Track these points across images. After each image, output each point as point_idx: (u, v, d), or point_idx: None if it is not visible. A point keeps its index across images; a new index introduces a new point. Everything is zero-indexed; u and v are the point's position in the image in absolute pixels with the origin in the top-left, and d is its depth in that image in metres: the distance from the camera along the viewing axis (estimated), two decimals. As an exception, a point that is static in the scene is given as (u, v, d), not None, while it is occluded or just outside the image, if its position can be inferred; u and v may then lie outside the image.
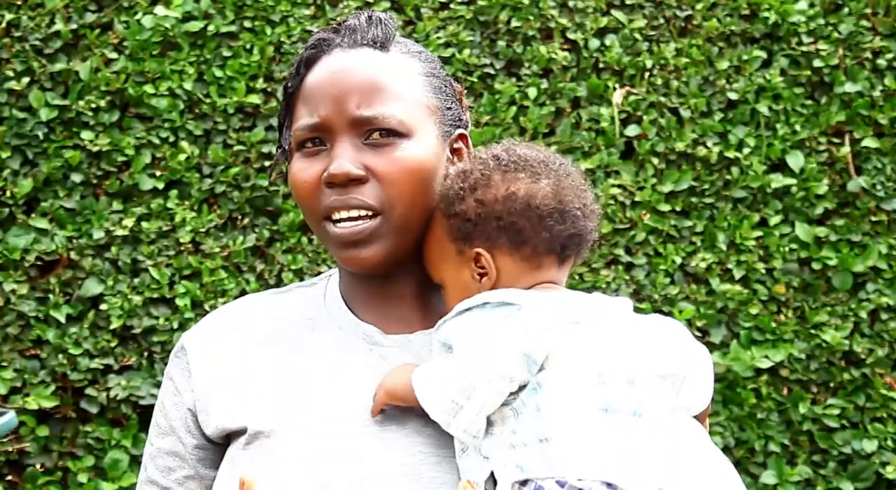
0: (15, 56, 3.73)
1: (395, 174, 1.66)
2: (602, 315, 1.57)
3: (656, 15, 3.88)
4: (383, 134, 1.67)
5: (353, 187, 1.66)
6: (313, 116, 1.69)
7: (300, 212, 3.66)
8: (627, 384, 1.51)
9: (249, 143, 3.72)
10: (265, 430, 1.62)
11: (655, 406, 1.52)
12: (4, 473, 3.66)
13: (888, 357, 3.77)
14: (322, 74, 1.72)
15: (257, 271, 3.70)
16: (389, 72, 1.71)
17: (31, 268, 3.67)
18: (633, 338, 1.56)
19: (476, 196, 1.62)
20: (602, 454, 1.45)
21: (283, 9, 3.78)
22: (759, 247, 3.77)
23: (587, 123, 3.80)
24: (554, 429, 1.47)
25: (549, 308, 1.54)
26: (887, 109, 3.84)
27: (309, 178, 1.69)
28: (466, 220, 1.61)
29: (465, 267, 1.62)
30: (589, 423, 1.47)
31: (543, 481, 1.45)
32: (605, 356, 1.51)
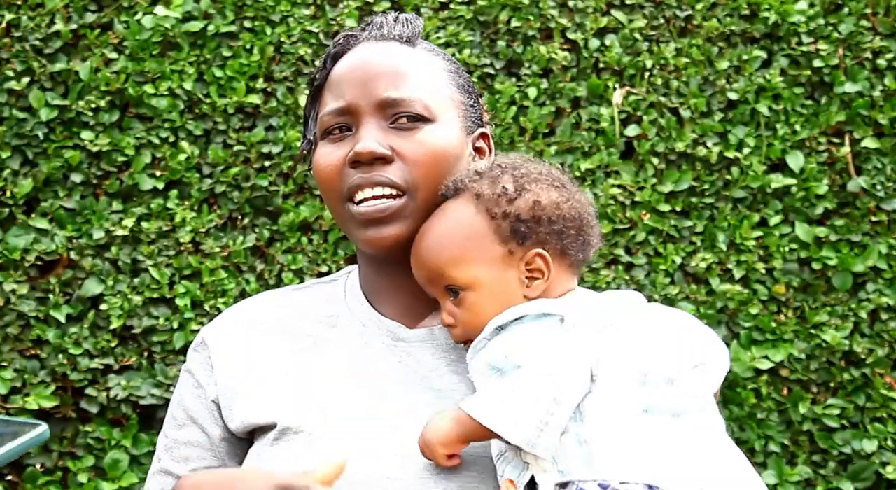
0: (15, 56, 3.73)
1: (421, 156, 1.66)
2: (630, 314, 1.56)
3: (656, 15, 3.88)
4: (409, 118, 1.68)
5: (378, 166, 1.65)
6: (339, 101, 1.71)
7: (300, 212, 3.68)
8: (667, 384, 1.50)
9: (249, 143, 3.72)
10: (295, 426, 1.61)
11: (693, 405, 1.52)
12: (4, 473, 3.66)
13: (888, 357, 3.77)
14: (349, 63, 1.75)
15: (257, 271, 3.70)
16: (415, 62, 1.73)
17: (31, 268, 3.67)
18: (663, 333, 1.56)
19: (530, 197, 1.58)
20: (644, 456, 1.45)
21: (283, 9, 3.78)
22: (759, 247, 3.77)
23: (587, 123, 3.80)
24: (595, 431, 1.46)
25: (587, 315, 1.53)
26: (887, 109, 3.84)
27: (333, 160, 1.69)
28: (521, 220, 1.57)
29: (511, 268, 1.57)
30: (630, 425, 1.47)
31: (585, 484, 1.44)
32: (645, 357, 1.51)
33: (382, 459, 1.56)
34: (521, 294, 1.56)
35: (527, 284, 1.57)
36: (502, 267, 1.57)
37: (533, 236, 1.56)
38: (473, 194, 1.60)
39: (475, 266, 1.57)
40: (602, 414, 1.47)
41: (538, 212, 1.57)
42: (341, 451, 1.56)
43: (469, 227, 1.58)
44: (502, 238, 1.56)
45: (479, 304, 1.57)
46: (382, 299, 1.75)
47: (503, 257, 1.57)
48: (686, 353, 1.56)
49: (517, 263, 1.57)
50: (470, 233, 1.58)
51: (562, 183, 1.62)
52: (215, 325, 1.78)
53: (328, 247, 3.69)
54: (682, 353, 1.55)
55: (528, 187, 1.58)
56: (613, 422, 1.46)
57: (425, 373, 1.66)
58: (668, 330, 1.57)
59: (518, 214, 1.57)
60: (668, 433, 1.48)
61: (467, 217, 1.59)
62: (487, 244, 1.57)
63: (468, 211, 1.59)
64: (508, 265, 1.57)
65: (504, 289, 1.56)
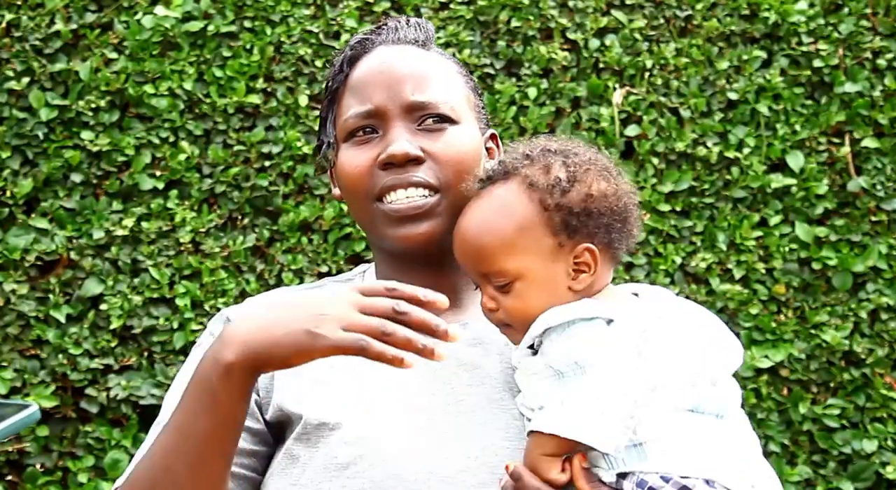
0: (15, 56, 3.73)
1: (451, 156, 1.69)
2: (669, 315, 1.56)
3: (656, 15, 3.88)
4: (436, 120, 1.71)
5: (411, 167, 1.68)
6: (365, 104, 1.72)
7: (300, 212, 3.68)
8: (711, 385, 1.51)
9: (249, 143, 3.72)
10: (330, 422, 1.60)
11: (732, 406, 1.54)
12: (4, 473, 3.66)
13: (888, 357, 3.77)
14: (371, 66, 1.76)
15: (257, 271, 3.70)
16: (434, 65, 1.77)
17: (31, 268, 3.67)
18: (703, 334, 1.56)
19: (582, 189, 1.56)
20: (698, 453, 1.46)
21: (283, 9, 3.78)
22: (759, 247, 3.77)
23: (587, 123, 3.80)
24: (648, 430, 1.46)
25: (632, 317, 1.52)
26: (887, 109, 3.84)
27: (362, 162, 1.70)
28: (573, 213, 1.55)
29: (560, 261, 1.55)
30: (681, 424, 1.47)
31: (647, 475, 1.45)
32: (690, 358, 1.51)
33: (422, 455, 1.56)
34: (567, 286, 1.55)
35: (573, 277, 1.55)
36: (551, 259, 1.55)
37: (583, 230, 1.55)
38: (526, 182, 1.57)
39: (524, 256, 1.55)
40: (652, 413, 1.47)
41: (590, 205, 1.55)
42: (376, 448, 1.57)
43: (521, 216, 1.56)
44: (553, 230, 1.55)
45: (524, 293, 1.55)
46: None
47: (553, 249, 1.55)
48: (721, 353, 1.57)
49: (566, 256, 1.55)
50: (522, 222, 1.55)
51: (609, 171, 1.60)
52: (240, 308, 1.79)
53: (328, 247, 3.69)
54: (719, 354, 1.56)
55: (580, 178, 1.56)
56: (664, 421, 1.47)
57: (455, 368, 1.66)
58: (705, 330, 1.57)
59: (570, 207, 1.54)
60: (715, 432, 1.49)
61: (520, 206, 1.56)
62: (538, 235, 1.55)
63: (521, 199, 1.56)
64: (557, 257, 1.55)
65: (550, 280, 1.55)
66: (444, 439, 1.58)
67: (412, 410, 1.61)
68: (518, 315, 1.56)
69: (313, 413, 1.62)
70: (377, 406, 1.61)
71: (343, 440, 1.58)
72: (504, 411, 1.61)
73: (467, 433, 1.59)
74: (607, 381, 1.45)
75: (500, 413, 1.61)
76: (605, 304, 1.53)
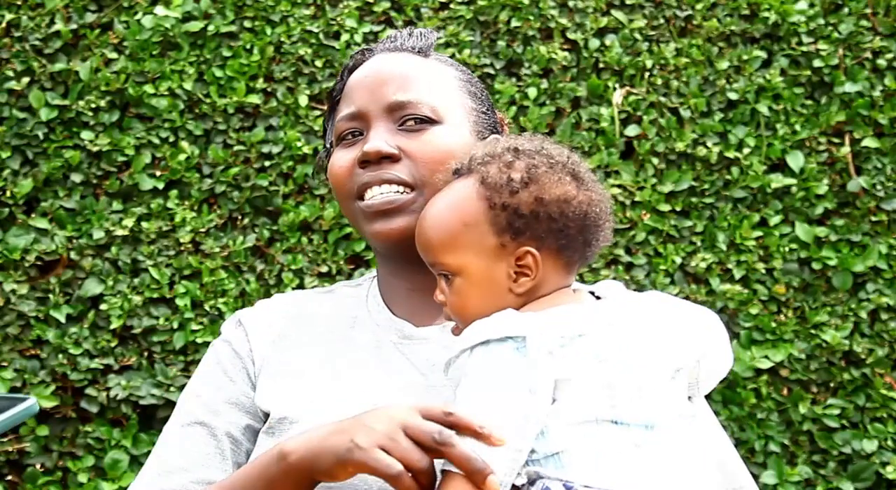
0: (15, 56, 3.73)
1: (428, 154, 1.71)
2: (608, 319, 1.53)
3: (656, 15, 3.88)
4: (417, 120, 1.73)
5: (386, 165, 1.71)
6: (350, 107, 1.77)
7: (300, 212, 3.68)
8: (637, 393, 1.47)
9: (249, 143, 3.72)
10: (290, 416, 1.64)
11: (667, 415, 1.49)
12: (4, 473, 3.66)
13: (888, 357, 3.77)
14: (362, 73, 1.81)
15: (257, 271, 3.70)
16: (425, 69, 1.80)
17: (31, 268, 3.67)
18: (642, 338, 1.52)
19: (534, 192, 1.54)
20: (611, 465, 1.43)
21: (283, 9, 3.78)
22: (759, 247, 3.77)
23: (587, 123, 3.80)
24: (565, 443, 1.44)
25: (556, 329, 1.49)
26: (887, 109, 3.84)
27: (345, 162, 1.75)
28: (519, 215, 1.53)
29: (501, 261, 1.54)
30: (600, 436, 1.45)
31: (551, 482, 1.43)
32: (612, 368, 1.47)
33: None
34: (507, 287, 1.54)
35: (514, 279, 1.54)
36: (493, 258, 1.54)
37: (528, 232, 1.53)
38: (479, 178, 1.57)
39: (465, 253, 1.54)
40: (569, 428, 1.44)
41: (539, 208, 1.53)
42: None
43: (467, 211, 1.55)
44: (498, 229, 1.53)
45: (464, 290, 1.55)
46: (395, 300, 1.79)
47: (495, 249, 1.53)
48: (666, 354, 1.52)
49: (508, 257, 1.53)
50: (467, 217, 1.55)
51: (579, 176, 1.58)
52: (251, 311, 1.83)
53: (328, 247, 3.69)
54: (659, 357, 1.51)
55: (536, 179, 1.55)
56: (581, 434, 1.44)
57: (424, 370, 1.68)
58: (647, 331, 1.53)
59: (517, 208, 1.53)
60: (639, 444, 1.45)
61: (468, 201, 1.56)
62: (482, 233, 1.53)
63: (470, 195, 1.56)
64: (499, 258, 1.53)
65: (490, 280, 1.54)
66: None
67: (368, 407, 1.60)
68: (458, 310, 1.56)
69: (278, 407, 1.66)
70: (335, 402, 1.63)
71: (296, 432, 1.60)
72: None
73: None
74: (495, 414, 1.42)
75: None
76: (526, 318, 1.49)
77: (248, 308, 1.85)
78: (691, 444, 1.51)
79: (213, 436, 1.69)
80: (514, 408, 1.43)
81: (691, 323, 1.58)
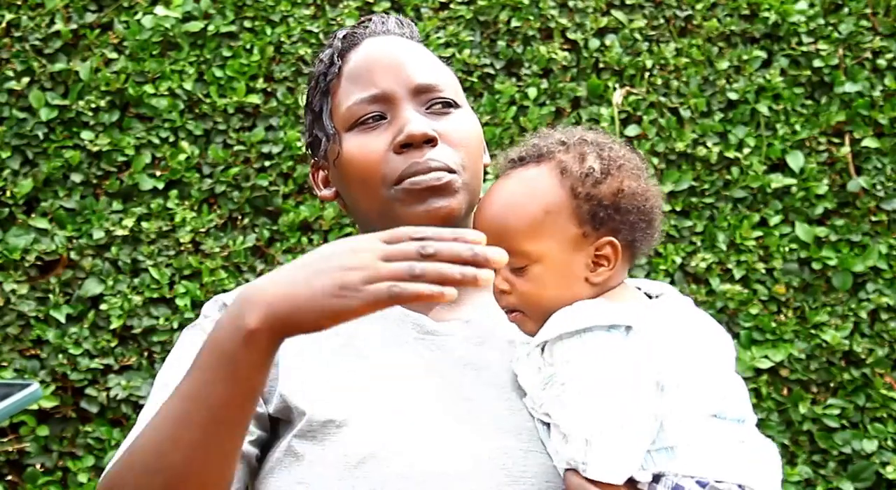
0: (15, 56, 3.73)
1: (463, 137, 1.68)
2: (676, 315, 1.55)
3: (656, 15, 3.88)
4: (443, 103, 1.69)
5: (426, 149, 1.64)
6: (370, 89, 1.68)
7: (300, 212, 3.68)
8: (731, 388, 1.51)
9: (249, 143, 3.72)
10: (337, 419, 1.56)
11: (750, 410, 1.54)
12: (4, 473, 3.66)
13: (888, 357, 3.77)
14: (369, 54, 1.72)
15: (257, 271, 3.70)
16: (427, 52, 1.76)
17: (31, 268, 3.67)
18: (711, 335, 1.55)
19: (614, 183, 1.54)
20: (727, 458, 1.46)
21: (283, 9, 3.78)
22: (759, 247, 3.77)
23: (587, 123, 3.80)
24: (676, 437, 1.45)
25: (652, 320, 1.49)
26: (887, 109, 3.84)
27: (375, 148, 1.66)
28: (602, 205, 1.53)
29: (581, 251, 1.53)
30: (708, 429, 1.47)
31: (682, 479, 1.44)
32: (704, 362, 1.50)
33: (431, 454, 1.53)
34: (584, 277, 1.53)
35: (591, 269, 1.53)
36: (572, 247, 1.53)
37: (609, 224, 1.53)
38: (559, 167, 1.55)
39: (547, 240, 1.52)
40: (678, 420, 1.46)
41: (619, 200, 1.53)
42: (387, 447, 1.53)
43: (550, 199, 1.53)
44: (580, 219, 1.52)
45: (540, 278, 1.53)
46: None
47: (576, 238, 1.53)
48: (726, 354, 1.57)
49: (587, 247, 1.53)
50: (550, 206, 1.53)
51: (641, 172, 1.59)
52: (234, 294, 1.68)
53: (328, 247, 3.69)
54: (727, 357, 1.56)
55: (612, 172, 1.54)
56: (690, 427, 1.46)
57: (462, 367, 1.63)
58: (710, 330, 1.57)
59: (601, 199, 1.52)
60: (739, 438, 1.49)
61: (550, 189, 1.54)
62: (564, 222, 1.52)
63: (552, 183, 1.54)
64: (579, 247, 1.53)
65: (568, 269, 1.53)
66: (455, 438, 1.54)
67: (420, 408, 1.58)
68: (530, 300, 1.54)
69: (318, 409, 1.57)
70: (384, 403, 1.58)
71: (352, 438, 1.55)
72: (513, 413, 1.57)
73: (479, 433, 1.55)
74: (627, 407, 1.43)
75: (509, 415, 1.58)
76: (624, 308, 1.51)
77: (231, 291, 1.72)
78: (762, 437, 1.55)
79: None
80: (645, 405, 1.43)
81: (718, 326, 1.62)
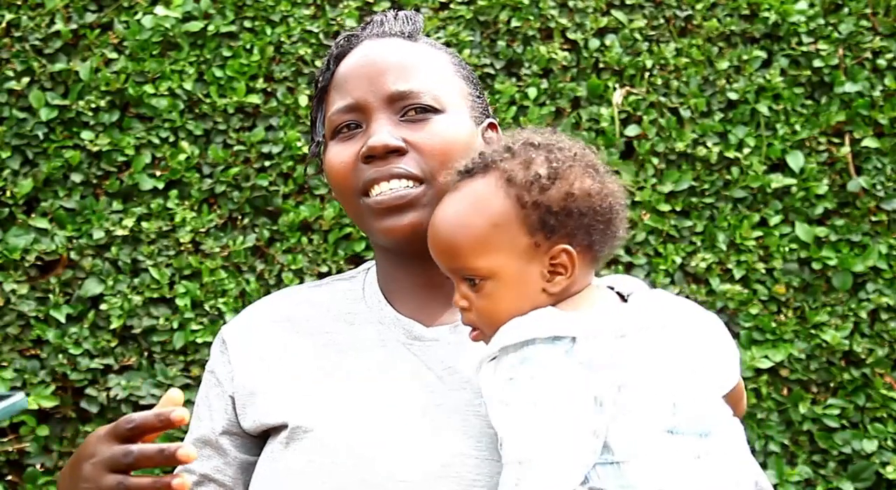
0: (15, 56, 3.73)
1: (435, 146, 1.65)
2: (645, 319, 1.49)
3: (656, 15, 3.88)
4: (419, 110, 1.67)
5: (393, 159, 1.64)
6: (346, 99, 1.68)
7: (300, 212, 3.68)
8: (692, 400, 1.44)
9: (249, 143, 3.72)
10: (305, 425, 1.59)
11: (717, 421, 1.46)
12: (4, 473, 3.66)
13: (888, 357, 3.77)
14: (353, 61, 1.72)
15: (257, 271, 3.70)
16: (419, 55, 1.73)
17: (31, 268, 3.67)
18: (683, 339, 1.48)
19: (562, 187, 1.48)
20: (674, 477, 1.40)
21: (283, 9, 3.78)
22: (759, 247, 3.77)
23: (587, 123, 3.80)
24: (624, 453, 1.40)
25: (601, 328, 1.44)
26: (887, 109, 3.84)
27: (346, 157, 1.67)
28: (551, 212, 1.47)
29: (535, 262, 1.48)
30: (658, 444, 1.41)
31: None
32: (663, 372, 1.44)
33: (392, 460, 1.54)
34: (541, 288, 1.49)
35: (548, 278, 1.49)
36: (526, 259, 1.48)
37: (562, 230, 1.48)
38: (504, 176, 1.50)
39: (497, 255, 1.47)
40: (625, 436, 1.41)
41: (570, 204, 1.48)
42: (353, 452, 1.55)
43: (497, 212, 1.48)
44: (530, 228, 1.47)
45: (496, 293, 1.48)
46: (399, 296, 1.72)
47: (528, 249, 1.48)
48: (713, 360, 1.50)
49: (541, 257, 1.48)
50: (497, 219, 1.48)
51: (595, 168, 1.53)
52: (235, 325, 1.76)
53: (328, 247, 3.69)
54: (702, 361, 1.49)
55: (561, 174, 1.49)
56: (639, 442, 1.41)
57: (440, 372, 1.64)
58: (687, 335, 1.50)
59: (549, 205, 1.47)
60: (698, 455, 1.42)
61: (496, 201, 1.49)
62: (513, 233, 1.47)
63: (497, 194, 1.49)
64: (532, 257, 1.48)
65: (524, 281, 1.48)
66: (417, 444, 1.55)
67: (391, 412, 1.59)
68: (487, 316, 1.50)
69: (292, 417, 1.61)
70: (353, 408, 1.59)
71: (318, 443, 1.57)
72: (479, 418, 1.56)
73: (440, 439, 1.55)
74: (562, 425, 1.37)
75: (474, 420, 1.57)
76: (572, 318, 1.46)
77: (234, 322, 1.77)
78: (737, 448, 1.49)
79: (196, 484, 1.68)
80: (583, 422, 1.38)
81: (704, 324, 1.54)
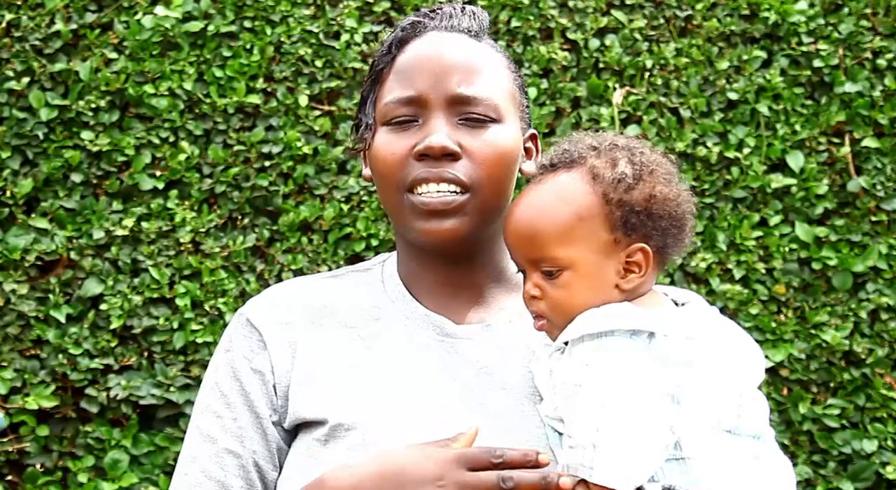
0: (15, 56, 3.73)
1: (488, 155, 1.64)
2: (703, 325, 1.52)
3: (656, 15, 3.88)
4: (478, 117, 1.66)
5: (446, 162, 1.63)
6: (408, 90, 1.67)
7: (300, 212, 3.68)
8: (750, 402, 1.49)
9: (249, 143, 3.72)
10: (348, 423, 1.58)
11: (767, 425, 1.51)
12: (4, 473, 3.66)
13: (888, 357, 3.77)
14: (420, 51, 1.71)
15: (257, 271, 3.70)
16: (484, 58, 1.73)
17: (31, 268, 3.67)
18: (737, 346, 1.53)
19: (646, 189, 1.53)
20: (737, 474, 1.44)
21: (283, 9, 3.78)
22: (759, 247, 3.77)
23: (587, 123, 3.79)
24: (693, 450, 1.43)
25: (674, 328, 1.47)
26: (887, 109, 3.84)
27: (397, 150, 1.66)
28: (634, 211, 1.52)
29: (612, 258, 1.52)
30: (722, 444, 1.45)
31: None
32: (725, 374, 1.48)
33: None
34: (614, 284, 1.52)
35: (622, 276, 1.52)
36: (603, 254, 1.52)
37: (641, 230, 1.52)
38: (591, 172, 1.54)
39: (578, 246, 1.51)
40: (692, 433, 1.44)
41: (651, 206, 1.53)
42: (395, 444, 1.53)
43: (582, 205, 1.52)
44: (612, 225, 1.51)
45: (572, 285, 1.52)
46: (425, 293, 1.72)
47: (607, 244, 1.52)
48: (753, 367, 1.54)
49: (619, 254, 1.52)
50: (582, 212, 1.52)
51: (672, 176, 1.58)
52: (261, 310, 1.71)
53: (328, 247, 3.69)
54: (752, 369, 1.54)
55: (644, 177, 1.54)
56: (704, 441, 1.44)
57: (476, 369, 1.64)
58: (738, 342, 1.55)
59: (632, 205, 1.52)
60: (753, 453, 1.47)
61: (582, 195, 1.53)
62: (595, 228, 1.51)
63: (584, 189, 1.53)
64: (610, 253, 1.52)
65: (599, 275, 1.51)
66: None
67: (431, 411, 1.59)
68: (560, 306, 1.52)
69: (333, 414, 1.59)
70: (395, 406, 1.59)
71: (359, 441, 1.56)
72: (524, 419, 1.58)
73: (489, 438, 1.54)
74: (639, 415, 1.41)
75: (519, 421, 1.58)
76: (649, 313, 1.49)
77: (259, 306, 1.72)
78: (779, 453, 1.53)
79: (243, 467, 1.63)
80: (661, 416, 1.41)
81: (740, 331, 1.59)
